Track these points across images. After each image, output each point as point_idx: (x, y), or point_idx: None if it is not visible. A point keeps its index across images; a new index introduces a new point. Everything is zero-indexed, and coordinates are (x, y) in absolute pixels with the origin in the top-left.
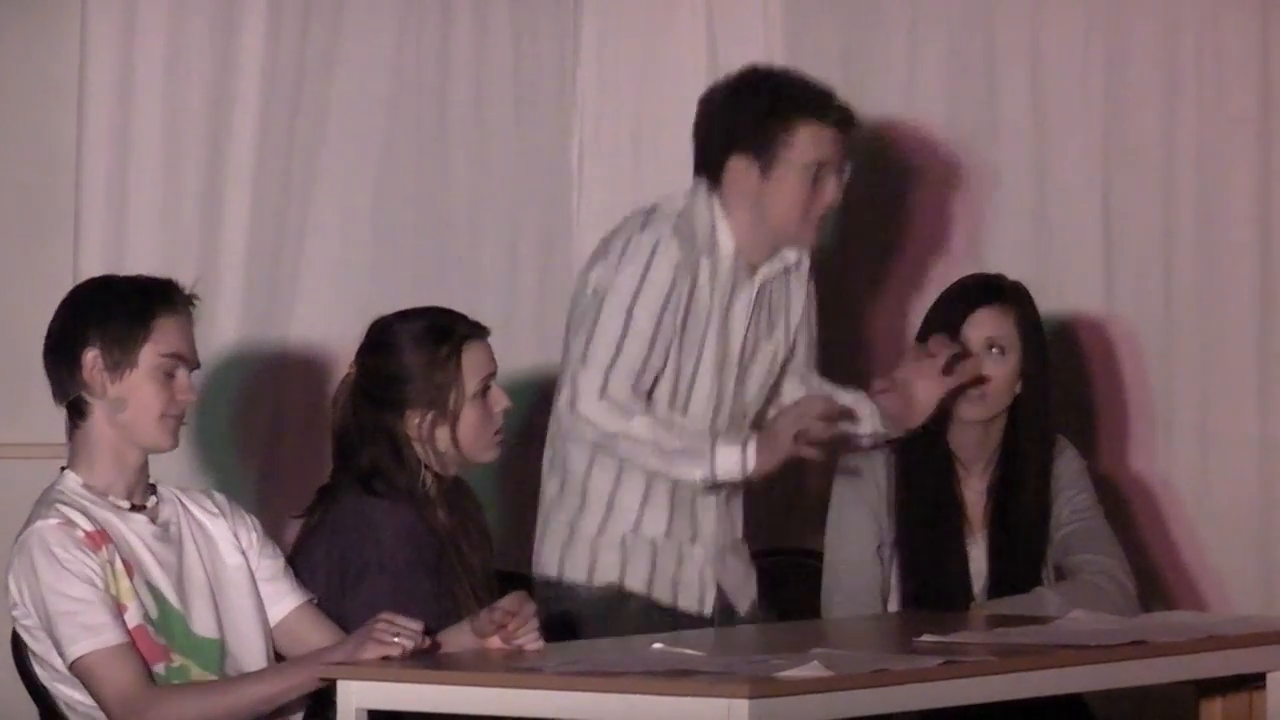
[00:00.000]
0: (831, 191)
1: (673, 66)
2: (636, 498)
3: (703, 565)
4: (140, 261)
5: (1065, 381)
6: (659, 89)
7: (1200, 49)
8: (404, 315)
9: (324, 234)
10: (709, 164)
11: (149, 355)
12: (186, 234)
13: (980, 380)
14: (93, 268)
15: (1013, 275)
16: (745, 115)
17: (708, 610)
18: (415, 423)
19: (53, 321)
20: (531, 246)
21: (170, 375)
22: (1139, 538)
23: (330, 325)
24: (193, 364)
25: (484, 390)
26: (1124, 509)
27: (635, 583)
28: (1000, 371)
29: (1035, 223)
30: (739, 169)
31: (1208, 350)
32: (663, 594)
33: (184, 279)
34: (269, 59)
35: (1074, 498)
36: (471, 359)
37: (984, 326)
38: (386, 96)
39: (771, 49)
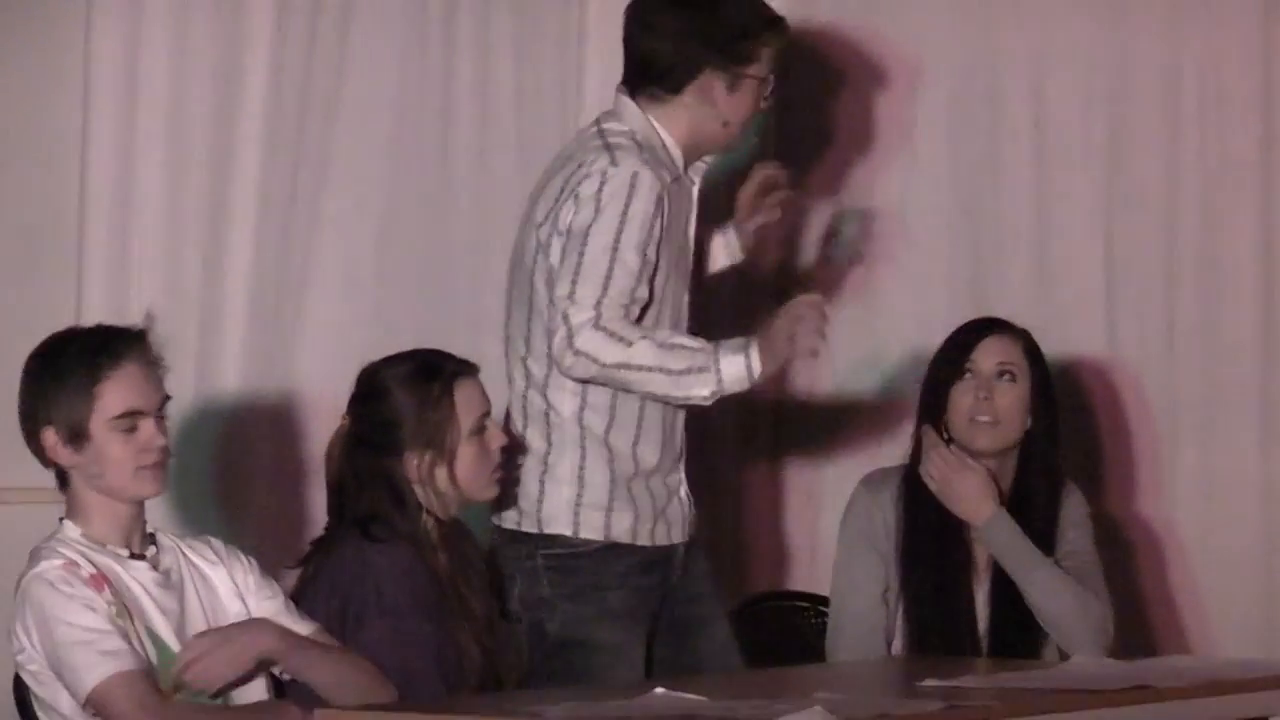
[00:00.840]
0: (769, 98)
1: None
2: (630, 436)
3: (683, 493)
4: (143, 308)
5: (1070, 424)
6: None
7: (1202, 93)
8: (391, 360)
9: (326, 279)
10: (671, 77)
11: (99, 425)
12: (189, 280)
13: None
14: (96, 314)
15: (1015, 317)
16: (719, 30)
17: (684, 537)
18: (414, 464)
19: (19, 394)
20: None
21: (132, 430)
22: (1141, 582)
23: (333, 370)
24: (154, 409)
25: (480, 428)
26: (1129, 552)
27: (644, 535)
28: (1011, 398)
29: (1038, 266)
30: (708, 82)
31: (1210, 393)
32: (660, 537)
33: (183, 330)
34: (272, 104)
35: (1074, 539)
36: (464, 396)
37: (994, 353)
38: (388, 141)
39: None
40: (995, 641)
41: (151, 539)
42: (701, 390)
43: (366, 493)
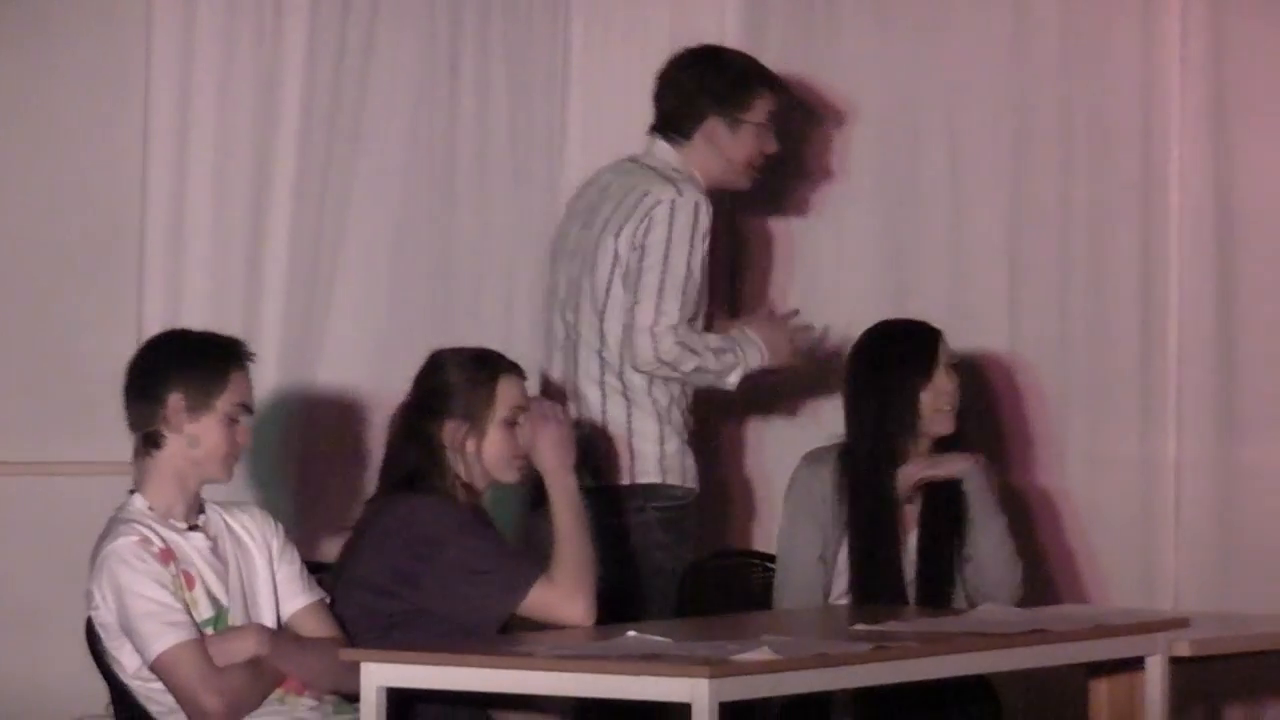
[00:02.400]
0: (773, 143)
1: (643, 142)
2: (680, 406)
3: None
4: (194, 306)
5: (979, 407)
6: None
7: (1091, 127)
8: (457, 349)
9: (349, 285)
10: (682, 123)
11: (224, 403)
12: (233, 285)
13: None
14: (156, 309)
15: (931, 318)
16: (719, 84)
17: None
18: (451, 430)
19: (136, 362)
20: (525, 295)
21: (235, 421)
22: (1040, 542)
23: (354, 363)
24: (251, 412)
25: (513, 421)
26: (1028, 518)
27: (691, 480)
28: (956, 387)
29: (951, 274)
30: (712, 127)
31: (1097, 384)
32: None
33: (230, 324)
34: (303, 135)
35: (980, 500)
36: (505, 389)
37: (946, 352)
38: (403, 166)
39: None
40: (918, 591)
41: (200, 509)
42: (731, 379)
43: (411, 449)
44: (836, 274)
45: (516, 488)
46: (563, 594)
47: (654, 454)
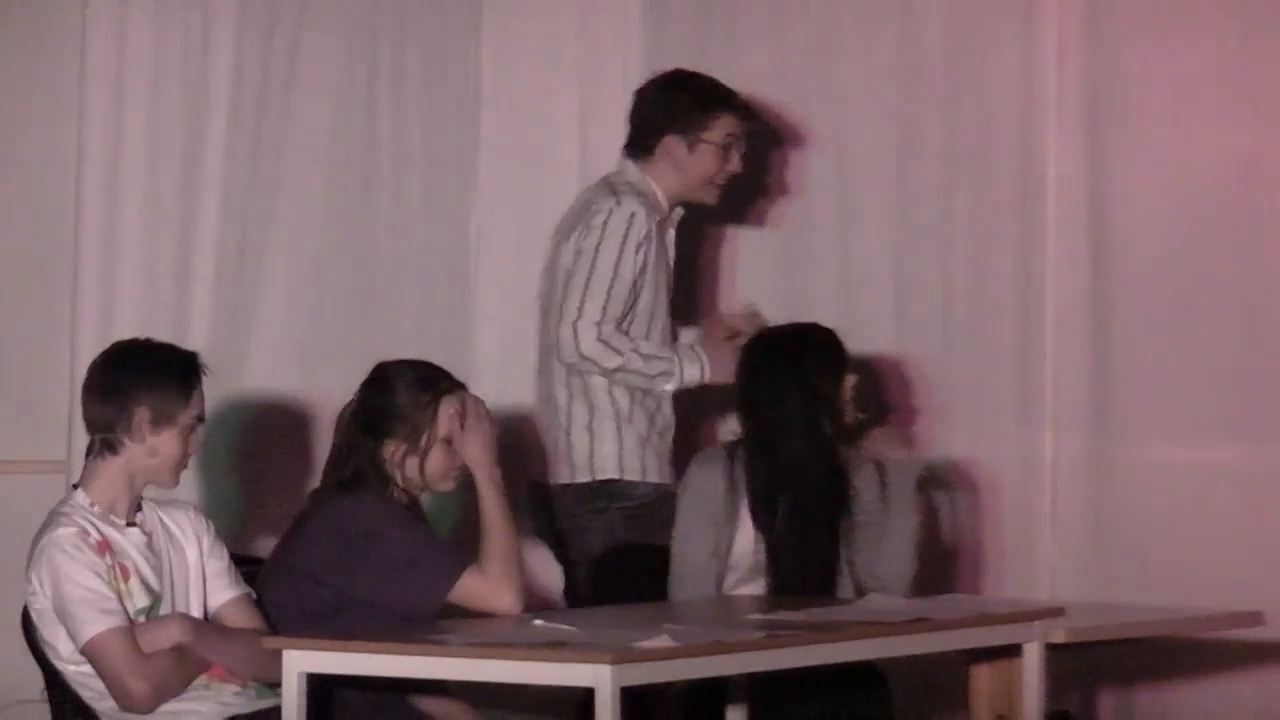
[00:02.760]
0: (735, 162)
1: (551, 162)
2: (647, 407)
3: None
4: (126, 317)
5: (869, 407)
6: (541, 179)
7: (973, 147)
8: (402, 363)
9: (273, 297)
10: (644, 141)
11: (185, 417)
12: (162, 296)
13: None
14: (89, 319)
15: (826, 322)
16: (678, 105)
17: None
18: (391, 450)
19: (99, 372)
20: (439, 303)
21: (192, 431)
22: (928, 533)
23: (278, 371)
24: (204, 421)
25: (450, 439)
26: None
27: (653, 475)
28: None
29: (841, 284)
30: (670, 145)
31: (978, 389)
32: (664, 480)
33: (160, 332)
34: (230, 157)
35: (867, 499)
36: (446, 409)
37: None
38: (325, 184)
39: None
40: (809, 582)
41: (138, 506)
42: (667, 386)
43: (351, 460)
44: (733, 283)
45: (457, 493)
46: (492, 584)
47: (613, 453)
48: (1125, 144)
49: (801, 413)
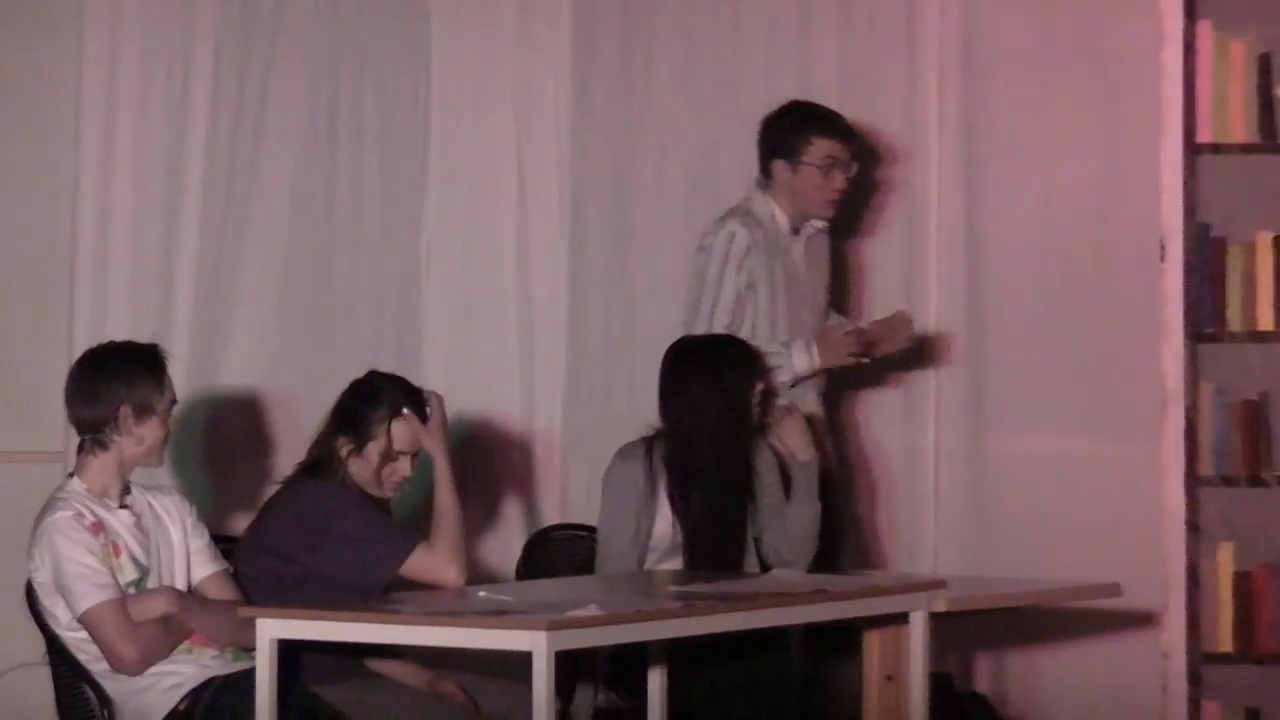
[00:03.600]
0: (839, 181)
1: (491, 190)
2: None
3: None
4: (116, 317)
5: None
6: (482, 204)
7: (866, 174)
8: (389, 377)
9: (245, 305)
10: (762, 166)
11: (162, 405)
12: (148, 304)
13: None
14: (84, 322)
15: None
16: (780, 131)
17: None
18: (341, 445)
19: (78, 380)
20: (392, 312)
21: (169, 413)
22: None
23: (250, 371)
24: (176, 402)
25: (395, 457)
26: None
27: None
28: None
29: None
30: (778, 169)
31: (870, 385)
32: None
33: (147, 334)
34: (208, 183)
35: (768, 483)
36: (400, 429)
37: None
38: (291, 207)
39: (562, 183)
40: (720, 559)
41: (128, 490)
42: (781, 376)
43: (319, 450)
44: (653, 298)
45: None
46: (440, 560)
47: None
48: (997, 173)
49: (714, 412)
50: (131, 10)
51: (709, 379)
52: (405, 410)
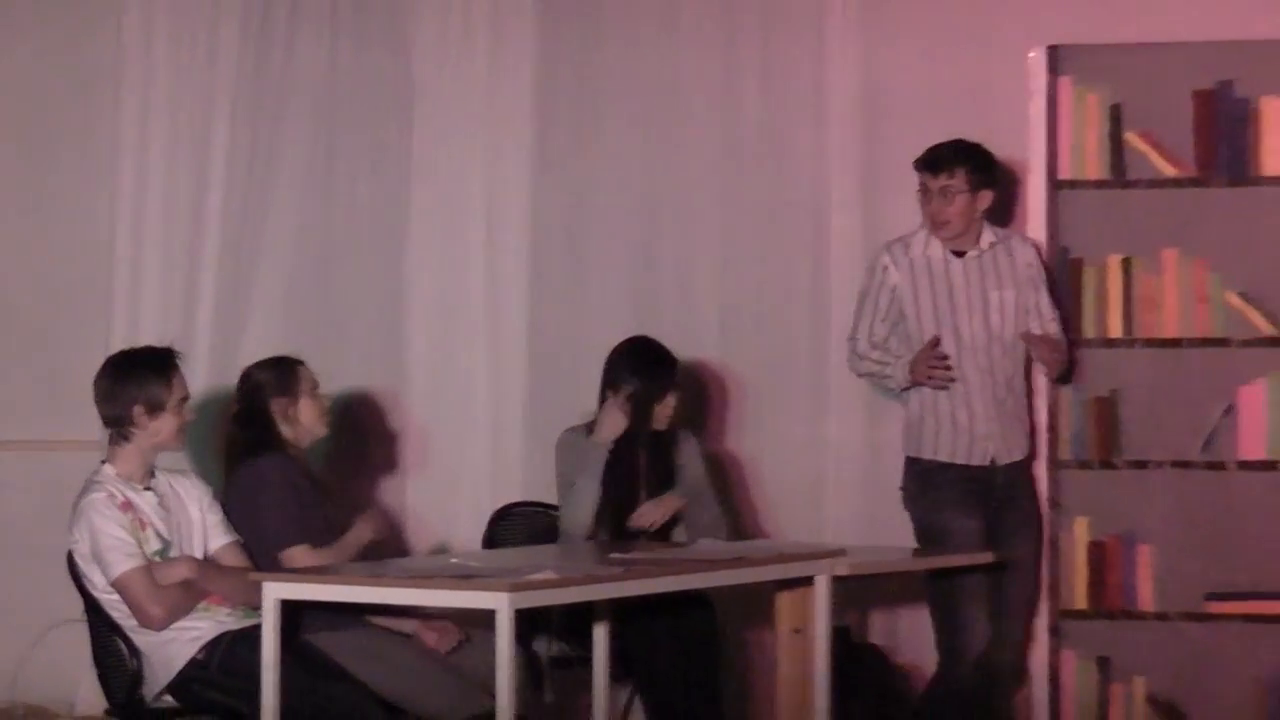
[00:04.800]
0: (933, 206)
1: (465, 218)
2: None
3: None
4: (148, 323)
5: (693, 398)
6: (458, 229)
7: (778, 207)
8: (264, 360)
9: (257, 315)
10: None
11: (172, 400)
12: (174, 310)
13: None
14: (121, 326)
15: (671, 338)
16: None
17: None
18: (279, 405)
19: (101, 384)
20: (380, 323)
21: (181, 407)
22: (739, 493)
23: None
24: (189, 398)
25: (311, 392)
26: (729, 474)
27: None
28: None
29: (681, 309)
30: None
31: (779, 386)
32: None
33: (171, 340)
34: (225, 209)
35: (694, 468)
36: (304, 375)
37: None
38: (295, 235)
39: (526, 212)
40: (616, 521)
41: (152, 474)
42: (890, 386)
43: (253, 425)
44: (602, 310)
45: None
46: (312, 559)
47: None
48: (890, 202)
49: (635, 410)
50: (162, 75)
51: (631, 382)
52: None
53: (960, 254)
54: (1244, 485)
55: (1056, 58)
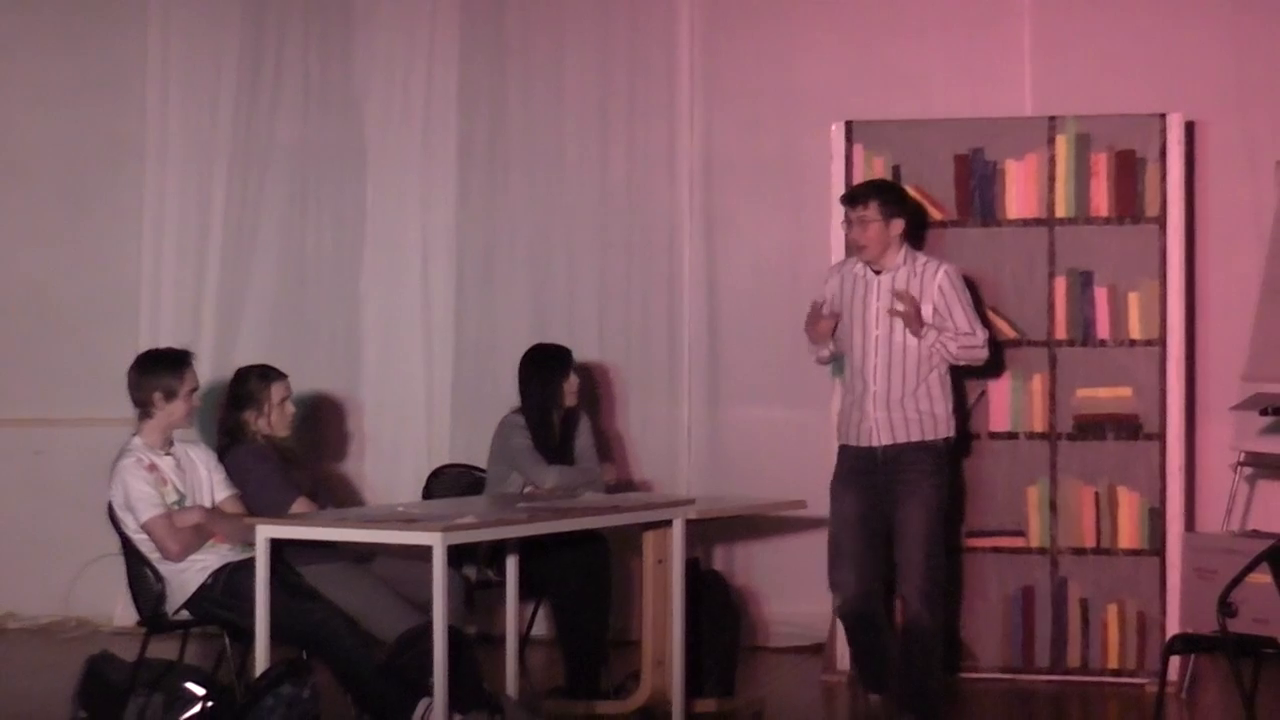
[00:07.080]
0: (853, 233)
1: (406, 251)
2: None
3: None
4: (167, 323)
5: (592, 388)
6: (400, 259)
7: (642, 238)
8: (252, 367)
9: (248, 323)
10: None
11: (183, 391)
12: (186, 315)
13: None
14: (147, 323)
15: (567, 341)
16: None
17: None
18: (251, 417)
19: (132, 374)
20: (341, 331)
21: (190, 395)
22: (619, 456)
23: (257, 361)
24: (198, 388)
25: (280, 403)
26: (611, 443)
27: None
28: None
29: (571, 317)
30: None
31: (646, 376)
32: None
33: (185, 331)
34: (225, 246)
35: (584, 445)
36: (277, 388)
37: (572, 362)
38: (277, 263)
39: (451, 245)
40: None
41: (171, 443)
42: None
43: (229, 423)
44: (509, 319)
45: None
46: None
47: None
48: (727, 239)
49: (540, 398)
50: (175, 140)
51: (536, 375)
52: (272, 375)
53: (879, 272)
54: (992, 450)
55: (851, 130)
